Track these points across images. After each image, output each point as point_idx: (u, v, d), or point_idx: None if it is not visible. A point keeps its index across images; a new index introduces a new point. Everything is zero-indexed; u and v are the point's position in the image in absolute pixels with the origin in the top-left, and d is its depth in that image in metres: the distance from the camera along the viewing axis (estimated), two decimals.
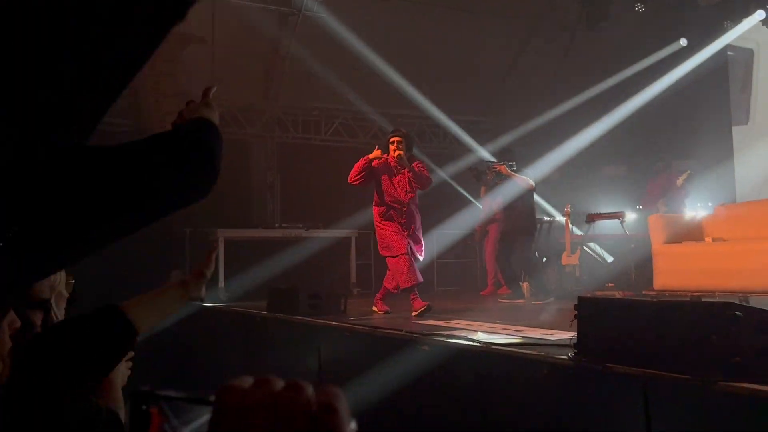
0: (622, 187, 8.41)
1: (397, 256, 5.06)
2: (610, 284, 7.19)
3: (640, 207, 7.66)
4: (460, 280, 8.99)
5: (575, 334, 2.73)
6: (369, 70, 8.02)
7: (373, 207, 5.42)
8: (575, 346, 2.66)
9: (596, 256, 7.22)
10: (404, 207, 5.26)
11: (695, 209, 7.27)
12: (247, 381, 0.45)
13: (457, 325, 4.00)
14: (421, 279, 5.03)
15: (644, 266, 6.40)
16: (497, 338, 3.25)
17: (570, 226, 7.12)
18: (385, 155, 5.33)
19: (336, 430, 0.43)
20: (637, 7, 7.69)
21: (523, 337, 3.31)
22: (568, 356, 2.61)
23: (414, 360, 3.15)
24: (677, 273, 5.10)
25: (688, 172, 7.06)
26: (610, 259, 7.79)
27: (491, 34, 8.71)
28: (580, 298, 2.72)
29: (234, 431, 0.43)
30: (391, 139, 5.32)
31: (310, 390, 0.44)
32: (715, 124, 7.64)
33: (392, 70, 8.16)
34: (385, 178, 5.32)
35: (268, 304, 5.24)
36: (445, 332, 3.50)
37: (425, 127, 9.80)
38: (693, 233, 5.29)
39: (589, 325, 2.61)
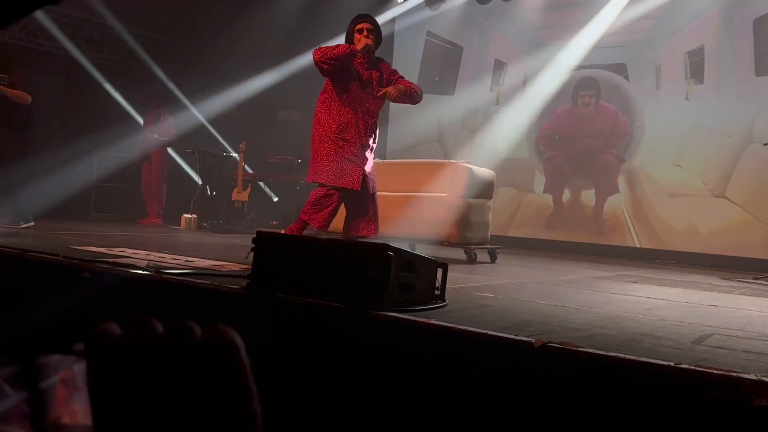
0: (295, 131, 8.86)
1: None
2: (274, 222, 7.62)
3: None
4: (120, 206, 8.44)
5: (248, 266, 2.86)
6: None
7: (322, 122, 4.27)
8: (249, 276, 2.80)
9: (266, 194, 7.54)
10: (371, 120, 4.27)
11: None
12: (115, 327, 0.39)
13: (122, 253, 3.80)
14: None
15: None
16: (168, 267, 3.20)
17: (243, 163, 7.27)
18: (352, 47, 4.05)
19: (239, 368, 0.38)
20: None
21: (195, 267, 3.33)
22: (241, 286, 2.73)
23: (74, 288, 2.90)
24: (336, 216, 5.67)
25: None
26: (275, 198, 8.22)
27: None
28: (258, 232, 2.85)
29: (119, 383, 0.37)
30: (360, 26, 4.09)
31: (198, 329, 0.39)
32: None
33: None
34: (354, 82, 4.13)
35: None
36: (110, 259, 3.30)
37: (96, 34, 8.79)
38: None
39: (263, 257, 2.76)
